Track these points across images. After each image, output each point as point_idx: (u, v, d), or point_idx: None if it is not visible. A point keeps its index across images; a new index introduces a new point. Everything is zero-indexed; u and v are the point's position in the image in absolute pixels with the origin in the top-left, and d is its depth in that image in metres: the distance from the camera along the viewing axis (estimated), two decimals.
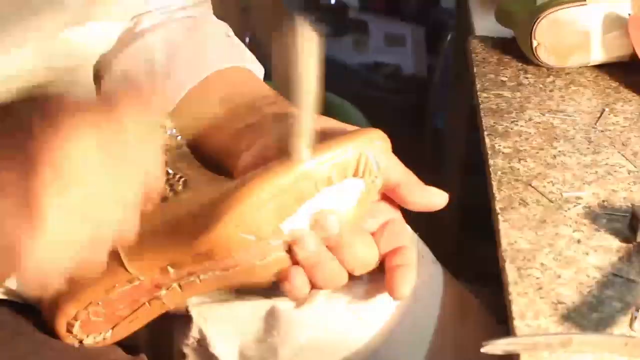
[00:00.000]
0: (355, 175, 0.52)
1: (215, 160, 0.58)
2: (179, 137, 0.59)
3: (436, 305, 0.59)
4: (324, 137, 0.51)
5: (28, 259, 0.41)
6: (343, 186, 0.51)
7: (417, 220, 0.58)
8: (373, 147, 0.51)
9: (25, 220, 0.40)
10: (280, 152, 0.51)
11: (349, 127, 0.54)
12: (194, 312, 0.57)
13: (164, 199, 0.54)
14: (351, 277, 0.54)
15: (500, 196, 0.62)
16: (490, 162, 0.66)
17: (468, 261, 0.99)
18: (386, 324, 0.56)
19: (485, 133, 0.70)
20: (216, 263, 0.51)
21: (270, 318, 0.56)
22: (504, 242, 0.57)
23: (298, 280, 0.51)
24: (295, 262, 0.52)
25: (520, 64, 0.80)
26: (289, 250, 0.51)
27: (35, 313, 0.55)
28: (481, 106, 0.74)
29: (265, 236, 0.50)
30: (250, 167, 0.52)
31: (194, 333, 0.57)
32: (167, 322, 0.58)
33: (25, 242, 0.40)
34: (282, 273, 0.52)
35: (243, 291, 0.57)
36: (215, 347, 0.57)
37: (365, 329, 0.56)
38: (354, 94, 1.28)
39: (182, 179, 0.55)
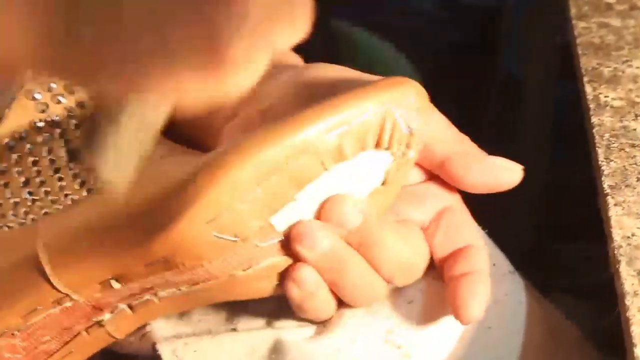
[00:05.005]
0: (377, 146, 0.51)
1: (185, 137, 0.58)
2: None
3: (516, 335, 0.58)
4: (333, 92, 0.51)
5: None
6: (361, 162, 0.51)
7: (479, 208, 0.58)
8: (403, 104, 0.51)
9: None
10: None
11: (372, 78, 0.54)
12: (164, 351, 0.57)
13: None
14: (393, 293, 0.54)
15: (609, 169, 0.61)
16: (594, 120, 0.65)
17: (556, 265, 0.99)
18: None
19: (585, 79, 0.70)
20: (180, 274, 0.51)
21: (276, 356, 0.56)
22: (617, 235, 0.57)
23: (308, 276, 0.51)
24: None
25: None
26: (290, 253, 0.51)
27: None
28: (578, 41, 0.74)
29: (250, 236, 0.50)
30: None
31: None
32: None
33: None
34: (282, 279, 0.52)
35: (234, 317, 0.57)
36: None
37: None
38: (388, 27, 1.27)
39: None
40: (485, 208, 0.58)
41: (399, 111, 0.51)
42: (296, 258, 0.51)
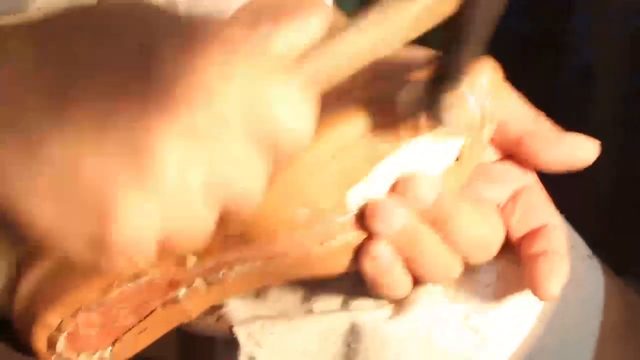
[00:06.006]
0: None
1: None
2: None
3: (594, 318, 0.58)
4: (407, 71, 0.51)
5: (124, 222, 0.42)
6: (434, 139, 0.51)
7: (550, 197, 0.57)
8: (477, 82, 0.51)
9: (131, 168, 0.42)
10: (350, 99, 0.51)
11: None
12: (240, 334, 0.57)
13: None
14: (470, 277, 0.55)
15: None
16: None
17: (627, 251, 0.98)
18: (522, 349, 0.56)
19: None
20: (256, 250, 0.51)
21: (352, 339, 0.56)
22: None
23: (383, 251, 0.51)
24: None
25: None
26: (365, 229, 0.51)
27: (7, 327, 0.56)
28: None
29: (325, 212, 0.50)
30: None
31: None
32: (205, 344, 0.59)
33: (123, 200, 0.42)
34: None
35: (310, 298, 0.57)
36: None
37: (491, 355, 0.56)
38: None
39: None
40: (555, 196, 0.57)
41: (473, 89, 0.51)
42: (371, 234, 0.51)
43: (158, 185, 0.41)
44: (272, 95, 0.43)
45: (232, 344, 0.57)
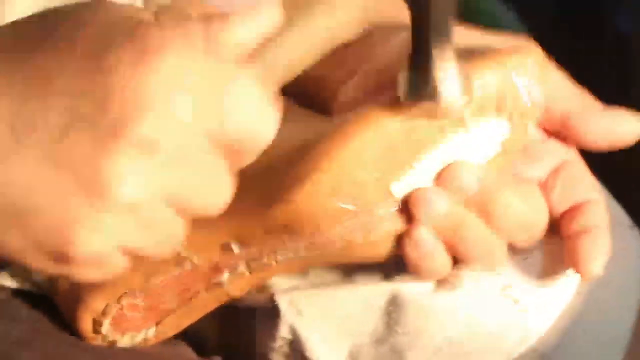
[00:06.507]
0: (497, 114, 0.51)
1: (305, 95, 0.58)
2: None
3: (635, 290, 0.58)
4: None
5: (81, 240, 0.43)
6: (480, 130, 0.51)
7: (594, 167, 0.57)
8: (524, 73, 0.51)
9: (85, 187, 0.42)
10: (391, 83, 0.51)
11: (489, 40, 0.54)
12: (282, 303, 0.58)
13: None
14: (510, 249, 0.54)
15: None
16: None
17: None
18: (561, 320, 0.56)
19: None
20: (299, 240, 0.52)
21: (393, 309, 0.56)
22: None
23: (425, 237, 0.51)
24: None
25: None
26: (408, 219, 0.51)
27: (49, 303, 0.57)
28: None
29: (370, 204, 0.50)
30: (352, 106, 0.53)
31: (283, 332, 0.58)
32: (246, 314, 0.59)
33: (82, 219, 0.43)
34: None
35: (352, 269, 0.57)
36: (314, 352, 0.57)
37: (531, 325, 0.56)
38: None
39: None
40: (597, 167, 0.57)
41: (520, 80, 0.51)
42: (414, 223, 0.51)
43: (112, 201, 0.42)
44: (230, 96, 0.43)
45: (273, 313, 0.58)
